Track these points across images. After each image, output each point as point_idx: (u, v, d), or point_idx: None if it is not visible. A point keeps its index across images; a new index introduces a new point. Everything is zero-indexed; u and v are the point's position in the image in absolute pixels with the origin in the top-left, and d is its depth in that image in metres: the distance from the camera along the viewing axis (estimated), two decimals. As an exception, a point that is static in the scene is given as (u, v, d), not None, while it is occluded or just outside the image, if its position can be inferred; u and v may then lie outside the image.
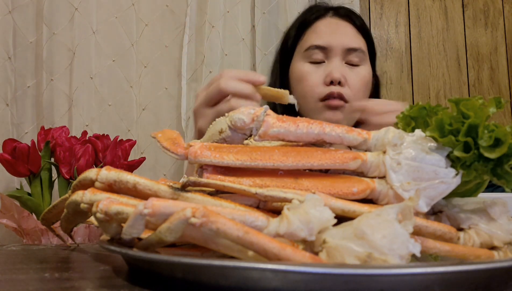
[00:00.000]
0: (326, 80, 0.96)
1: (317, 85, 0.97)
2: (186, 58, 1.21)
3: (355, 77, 0.98)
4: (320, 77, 0.97)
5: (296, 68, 1.02)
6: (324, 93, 0.95)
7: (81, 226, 0.80)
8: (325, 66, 0.98)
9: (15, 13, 1.11)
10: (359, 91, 0.98)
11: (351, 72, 0.98)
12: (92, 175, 0.37)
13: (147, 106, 1.21)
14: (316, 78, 0.97)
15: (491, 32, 1.63)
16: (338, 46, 0.98)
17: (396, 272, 0.26)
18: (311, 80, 0.98)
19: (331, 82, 0.95)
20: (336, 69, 0.96)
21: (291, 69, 1.04)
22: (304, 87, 0.98)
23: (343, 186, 0.35)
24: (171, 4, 1.25)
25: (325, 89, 0.96)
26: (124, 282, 0.33)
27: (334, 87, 0.95)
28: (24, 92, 1.12)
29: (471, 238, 0.35)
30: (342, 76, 0.95)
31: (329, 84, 0.95)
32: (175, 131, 0.41)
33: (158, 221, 0.29)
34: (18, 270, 0.39)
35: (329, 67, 0.97)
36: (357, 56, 0.99)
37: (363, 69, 1.00)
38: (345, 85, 0.96)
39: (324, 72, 0.97)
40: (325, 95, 0.95)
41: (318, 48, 0.98)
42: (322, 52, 0.98)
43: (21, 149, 0.83)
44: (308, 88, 0.98)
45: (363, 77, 0.99)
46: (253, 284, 0.27)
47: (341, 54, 0.98)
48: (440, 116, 0.35)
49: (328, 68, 0.96)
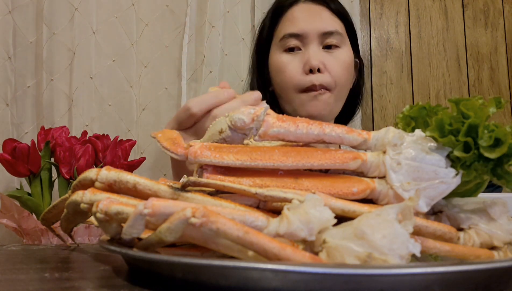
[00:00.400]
0: (305, 68, 0.92)
1: (296, 75, 0.93)
2: (186, 58, 1.21)
3: (334, 61, 0.94)
4: (298, 66, 0.94)
5: (273, 59, 0.99)
6: (305, 83, 0.92)
7: (81, 226, 0.80)
8: (302, 54, 0.94)
9: (15, 13, 1.11)
10: (341, 76, 0.94)
11: (329, 56, 0.94)
12: (92, 175, 0.37)
13: (147, 106, 1.21)
14: (294, 67, 0.94)
15: (491, 32, 1.63)
16: (313, 31, 0.94)
17: (396, 272, 0.26)
18: (289, 70, 0.94)
19: (310, 70, 0.92)
20: (314, 56, 0.92)
21: (269, 61, 1.01)
22: (283, 78, 0.95)
23: (343, 186, 0.35)
24: (171, 4, 1.25)
25: (305, 78, 0.92)
26: (124, 282, 0.33)
27: (314, 76, 0.91)
28: (24, 92, 1.12)
29: (471, 238, 0.35)
30: (321, 63, 0.92)
31: (308, 72, 0.92)
32: (175, 131, 0.41)
33: (158, 221, 0.29)
34: (18, 270, 0.39)
35: (306, 55, 0.93)
36: (334, 39, 0.95)
37: (342, 52, 0.96)
38: (324, 72, 0.92)
39: (301, 61, 0.94)
40: (307, 87, 0.92)
41: (293, 36, 0.95)
42: (297, 39, 0.95)
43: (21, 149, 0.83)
44: (287, 79, 0.95)
45: (343, 61, 0.95)
46: (253, 284, 0.27)
47: (317, 40, 0.94)
48: (440, 116, 0.35)
49: (306, 56, 0.93)
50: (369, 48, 1.57)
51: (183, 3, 1.25)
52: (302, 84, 0.93)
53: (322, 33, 0.94)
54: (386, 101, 1.56)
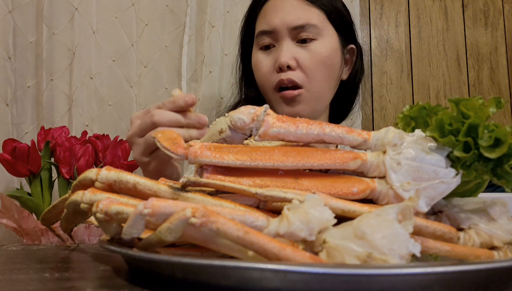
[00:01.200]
0: (275, 66, 0.89)
1: (268, 74, 0.90)
2: (186, 58, 1.21)
3: (308, 56, 0.88)
4: (270, 65, 0.90)
5: (252, 58, 0.96)
6: (276, 81, 0.88)
7: (81, 226, 0.80)
8: (274, 52, 0.91)
9: (15, 13, 1.11)
10: (315, 71, 0.88)
11: (303, 51, 0.89)
12: (92, 175, 0.37)
13: (147, 106, 1.21)
14: (267, 66, 0.91)
15: (491, 32, 1.63)
16: (282, 27, 0.89)
17: (396, 272, 0.26)
18: (263, 69, 0.92)
19: (280, 68, 0.88)
20: (284, 53, 0.87)
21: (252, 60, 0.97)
22: (259, 77, 0.93)
23: (343, 186, 0.35)
24: (171, 4, 1.25)
25: (276, 77, 0.89)
26: (124, 282, 0.33)
27: (283, 74, 0.87)
28: (24, 92, 1.12)
29: (471, 238, 0.35)
30: (291, 59, 0.87)
31: (279, 71, 0.88)
32: (175, 131, 0.41)
33: (158, 221, 0.29)
34: (18, 270, 0.39)
35: (277, 52, 0.89)
36: (308, 32, 0.89)
37: (317, 44, 0.89)
38: (296, 69, 0.88)
39: (274, 59, 0.90)
40: (276, 84, 0.88)
41: (265, 34, 0.91)
42: (270, 36, 0.91)
43: (21, 149, 0.83)
44: (262, 78, 0.92)
45: (318, 54, 0.89)
46: (253, 284, 0.27)
47: (288, 35, 0.89)
48: (440, 116, 0.35)
49: (277, 53, 0.89)
50: (369, 48, 1.57)
51: (183, 3, 1.25)
52: (274, 82, 0.89)
53: (292, 28, 0.89)
54: (386, 101, 1.56)
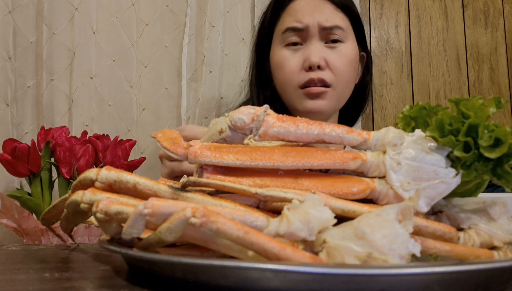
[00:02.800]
0: (304, 65, 0.90)
1: (296, 72, 0.91)
2: (186, 58, 1.21)
3: (337, 58, 0.91)
4: (298, 63, 0.92)
5: (274, 55, 0.96)
6: (304, 80, 0.90)
7: (81, 226, 0.80)
8: (303, 50, 0.92)
9: (15, 13, 1.11)
10: (343, 72, 0.92)
11: (332, 52, 0.92)
12: (92, 175, 0.37)
13: (147, 106, 1.21)
14: (294, 63, 0.92)
15: (491, 32, 1.63)
16: (314, 26, 0.91)
17: (396, 272, 0.26)
18: (289, 66, 0.92)
19: (310, 67, 0.89)
20: (314, 52, 0.90)
21: (270, 56, 0.98)
22: (283, 74, 0.93)
23: (343, 186, 0.35)
24: (171, 4, 1.25)
25: (304, 75, 0.90)
26: (124, 282, 0.33)
27: (313, 73, 0.89)
28: (24, 92, 1.12)
29: (471, 238, 0.35)
30: (322, 59, 0.90)
31: (308, 69, 0.90)
32: (175, 131, 0.41)
33: (158, 221, 0.29)
34: (18, 270, 0.39)
35: (307, 51, 0.91)
36: (337, 34, 0.92)
37: (345, 47, 0.93)
38: (325, 68, 0.90)
39: (302, 57, 0.91)
40: (305, 82, 0.90)
41: (294, 31, 0.92)
42: (298, 34, 0.92)
43: (21, 149, 0.83)
44: (287, 76, 0.93)
45: (346, 56, 0.93)
46: (253, 284, 0.27)
47: (318, 35, 0.92)
48: (440, 116, 0.35)
49: (306, 52, 0.91)
50: (369, 48, 1.56)
51: (183, 3, 1.25)
52: (301, 80, 0.91)
53: (323, 28, 0.92)
54: (386, 101, 1.56)
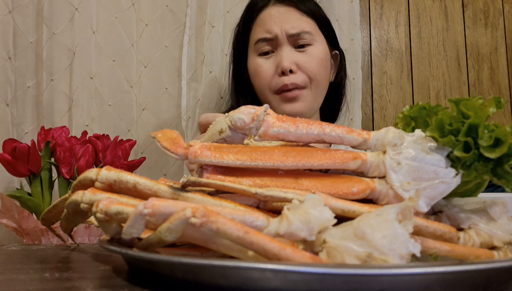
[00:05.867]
0: (277, 70, 0.96)
1: (270, 78, 0.97)
2: (186, 58, 1.21)
3: (307, 60, 0.97)
4: (271, 69, 0.98)
5: (250, 64, 1.03)
6: (278, 85, 0.96)
7: (81, 226, 0.80)
8: (274, 57, 0.98)
9: (15, 13, 1.11)
10: (315, 72, 0.97)
11: (302, 55, 0.98)
12: (92, 175, 0.37)
13: (147, 106, 1.21)
14: (268, 70, 0.98)
15: (491, 32, 1.63)
16: (282, 34, 0.97)
17: (396, 272, 0.26)
18: (264, 73, 0.98)
19: (283, 72, 0.95)
20: (285, 58, 0.95)
21: (248, 65, 1.04)
22: (259, 81, 0.99)
23: (343, 186, 0.35)
24: (171, 4, 1.25)
25: (278, 80, 0.96)
26: (124, 282, 0.33)
27: (286, 77, 0.95)
28: (24, 92, 1.12)
29: (471, 238, 0.35)
30: (292, 64, 0.95)
31: (281, 74, 0.95)
32: (175, 131, 0.41)
33: (158, 221, 0.29)
34: (18, 270, 0.38)
35: (278, 57, 0.97)
36: (304, 38, 0.98)
37: (313, 48, 0.99)
38: (297, 72, 0.96)
39: (274, 63, 0.98)
40: (280, 88, 0.96)
41: (265, 41, 0.99)
42: (269, 44, 0.99)
43: (21, 149, 0.83)
44: (262, 82, 0.99)
45: (316, 57, 0.98)
46: (253, 284, 0.27)
47: (287, 41, 0.97)
48: (440, 116, 0.35)
49: (278, 59, 0.97)
50: (369, 48, 1.57)
51: (183, 3, 1.24)
52: (275, 85, 0.97)
53: (291, 35, 0.97)
54: (386, 101, 1.56)
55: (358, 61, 1.40)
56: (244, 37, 1.05)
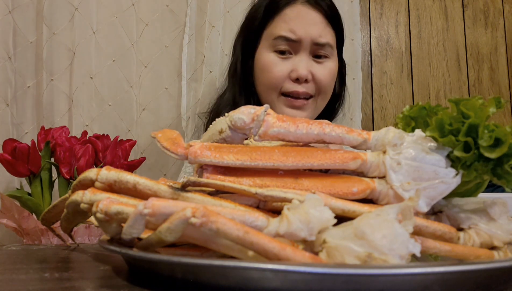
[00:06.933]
0: (291, 75, 0.94)
1: (281, 79, 0.94)
2: (186, 58, 1.21)
3: (323, 72, 0.96)
4: (285, 71, 0.94)
5: (261, 57, 0.98)
6: (288, 89, 0.94)
7: (81, 226, 0.80)
8: (292, 60, 0.95)
9: (15, 13, 1.11)
10: (326, 86, 0.97)
11: (318, 67, 0.96)
12: (92, 175, 0.37)
13: (147, 106, 1.21)
14: (281, 71, 0.94)
15: (491, 32, 1.63)
16: (307, 40, 0.94)
17: (396, 272, 0.26)
18: (276, 72, 0.95)
19: (297, 79, 0.93)
20: (304, 66, 0.93)
21: (256, 56, 1.00)
22: (268, 78, 0.96)
23: (343, 186, 0.35)
24: (171, 4, 1.25)
25: (289, 85, 0.94)
26: (124, 282, 0.33)
27: (300, 86, 0.94)
28: (24, 92, 1.12)
29: (471, 238, 0.35)
30: (309, 73, 0.94)
31: (295, 81, 0.93)
32: (175, 131, 0.41)
33: (158, 221, 0.29)
34: (18, 270, 0.38)
35: (296, 62, 0.94)
36: (325, 50, 0.96)
37: (330, 62, 0.98)
38: (310, 82, 0.95)
39: (290, 66, 0.94)
40: (289, 92, 0.94)
41: (287, 40, 0.95)
42: (289, 44, 0.95)
43: (21, 148, 0.83)
44: (272, 80, 0.95)
45: (330, 71, 0.97)
46: (253, 284, 0.27)
47: (309, 48, 0.95)
48: (440, 116, 0.35)
49: (295, 64, 0.94)
50: (369, 48, 1.57)
51: (183, 3, 1.25)
52: (285, 89, 0.94)
53: (316, 43, 0.95)
54: (386, 101, 1.56)
55: (358, 61, 1.40)
56: (261, 26, 1.00)
